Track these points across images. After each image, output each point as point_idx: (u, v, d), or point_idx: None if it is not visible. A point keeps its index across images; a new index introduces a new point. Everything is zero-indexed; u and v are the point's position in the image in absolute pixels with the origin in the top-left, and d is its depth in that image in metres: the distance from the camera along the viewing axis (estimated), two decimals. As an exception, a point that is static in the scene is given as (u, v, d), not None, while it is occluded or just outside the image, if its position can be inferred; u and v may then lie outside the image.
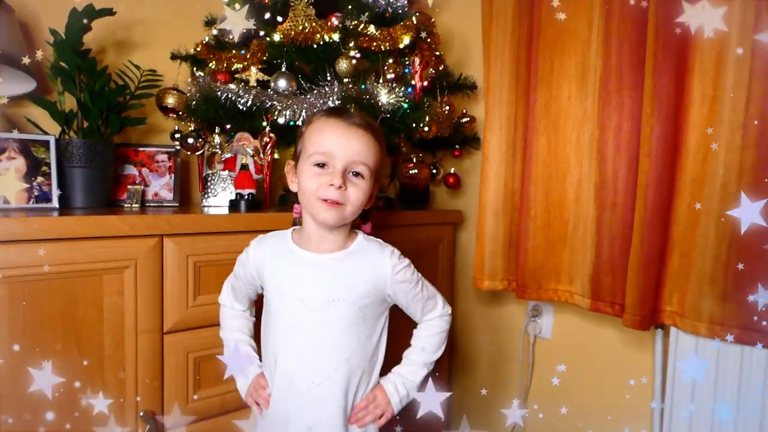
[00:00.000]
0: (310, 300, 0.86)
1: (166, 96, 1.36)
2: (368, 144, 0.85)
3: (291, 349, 0.88)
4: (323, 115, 0.89)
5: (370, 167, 0.85)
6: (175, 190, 1.47)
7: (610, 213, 1.14)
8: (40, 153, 1.15)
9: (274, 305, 0.90)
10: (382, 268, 0.88)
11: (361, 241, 0.92)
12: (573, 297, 1.24)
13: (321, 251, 0.89)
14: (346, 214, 0.85)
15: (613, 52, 1.13)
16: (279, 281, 0.90)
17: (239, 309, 1.01)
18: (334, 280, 0.87)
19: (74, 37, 1.22)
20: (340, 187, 0.82)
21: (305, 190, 0.85)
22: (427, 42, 1.36)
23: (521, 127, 1.32)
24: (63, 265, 0.91)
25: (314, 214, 0.85)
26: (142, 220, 0.99)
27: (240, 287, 0.98)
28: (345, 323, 0.86)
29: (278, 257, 0.91)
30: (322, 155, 0.83)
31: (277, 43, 1.21)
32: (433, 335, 0.95)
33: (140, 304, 1.00)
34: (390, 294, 0.90)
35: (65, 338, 0.92)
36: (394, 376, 0.94)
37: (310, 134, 0.87)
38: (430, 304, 0.94)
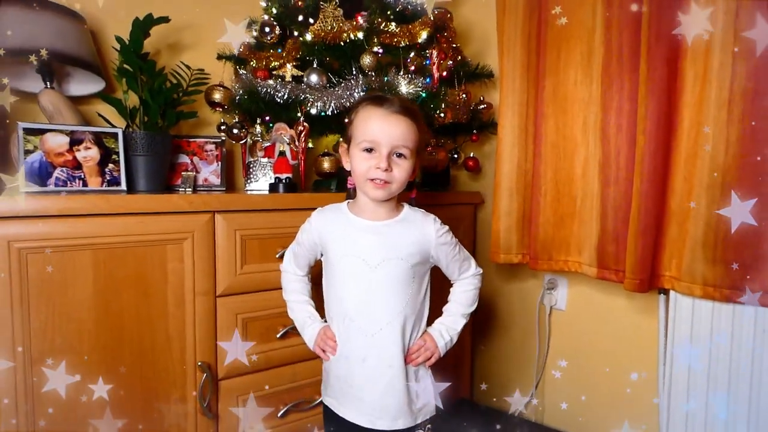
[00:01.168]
0: (371, 258, 1.01)
1: (214, 92, 1.53)
2: (408, 128, 0.99)
3: (358, 299, 1.02)
4: (368, 105, 1.01)
5: (410, 148, 0.99)
6: (222, 176, 1.65)
7: (613, 187, 1.24)
8: (110, 143, 1.34)
9: (339, 265, 1.04)
10: (428, 232, 1.03)
11: (408, 210, 1.07)
12: (581, 267, 1.35)
13: (375, 219, 1.04)
14: (392, 190, 1.00)
15: (613, 39, 1.22)
16: (341, 244, 1.04)
17: (300, 274, 1.17)
18: (389, 241, 1.02)
19: (136, 42, 1.40)
20: (386, 169, 0.97)
21: (357, 171, 1.00)
22: (445, 36, 1.48)
23: (532, 112, 1.43)
24: (134, 236, 1.09)
25: (366, 192, 1.01)
26: (199, 198, 1.17)
27: (302, 254, 1.14)
28: (400, 277, 1.01)
29: (338, 224, 1.06)
30: (369, 142, 0.98)
31: (309, 42, 1.36)
32: (468, 291, 1.11)
33: (197, 270, 1.17)
34: (433, 255, 1.05)
35: (137, 297, 1.11)
36: (438, 324, 1.09)
37: (357, 123, 1.01)
38: (465, 265, 1.10)
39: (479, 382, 1.88)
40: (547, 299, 1.61)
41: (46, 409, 1.02)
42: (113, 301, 1.08)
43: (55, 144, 1.25)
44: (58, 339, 1.03)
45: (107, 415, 1.07)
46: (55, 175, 1.24)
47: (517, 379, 1.76)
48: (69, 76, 1.49)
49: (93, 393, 1.04)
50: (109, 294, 1.07)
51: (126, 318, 1.10)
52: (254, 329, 1.27)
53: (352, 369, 1.04)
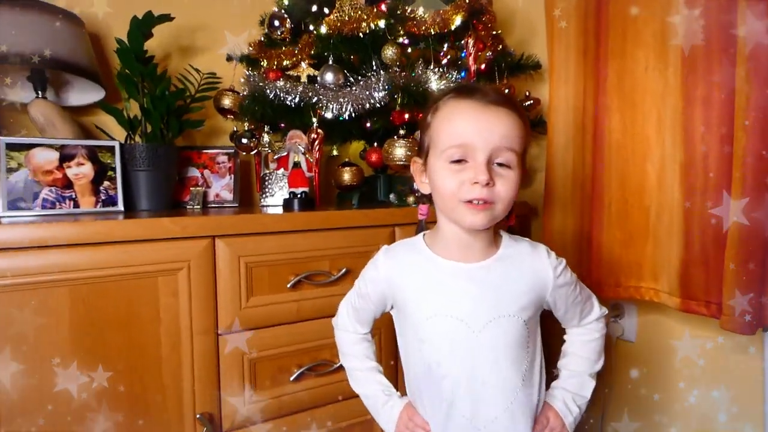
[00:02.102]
0: (472, 319, 0.74)
1: (223, 97, 1.38)
2: (512, 125, 0.71)
3: (460, 378, 0.76)
4: (451, 98, 0.74)
5: (517, 152, 0.71)
6: (234, 191, 1.49)
7: (700, 198, 0.99)
8: (106, 158, 1.20)
9: (425, 329, 0.77)
10: (543, 273, 0.77)
11: (509, 242, 0.79)
12: (659, 295, 1.10)
13: (467, 260, 0.77)
14: (496, 214, 0.71)
15: (697, 13, 0.97)
16: (426, 299, 0.77)
17: (362, 332, 0.91)
18: (493, 293, 0.75)
19: (136, 44, 1.26)
20: (488, 184, 0.69)
21: (443, 192, 0.73)
22: (483, 21, 1.26)
23: (591, 106, 1.19)
24: (119, 268, 0.93)
25: (459, 220, 0.73)
26: (194, 222, 1.00)
27: (365, 308, 0.87)
28: (514, 340, 0.75)
29: (417, 270, 0.79)
30: (458, 148, 0.70)
31: (324, 36, 1.18)
32: (592, 340, 0.84)
33: (194, 305, 1.00)
34: (549, 301, 0.79)
35: (123, 339, 0.95)
36: (560, 392, 0.83)
37: (438, 124, 0.74)
38: (587, 307, 0.83)
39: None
40: (611, 328, 1.36)
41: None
42: (95, 346, 0.92)
43: (43, 160, 1.12)
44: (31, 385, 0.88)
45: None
46: (42, 195, 1.10)
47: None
48: (68, 84, 1.37)
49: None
50: (89, 337, 0.92)
51: (111, 364, 0.94)
52: (264, 371, 1.09)
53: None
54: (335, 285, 1.14)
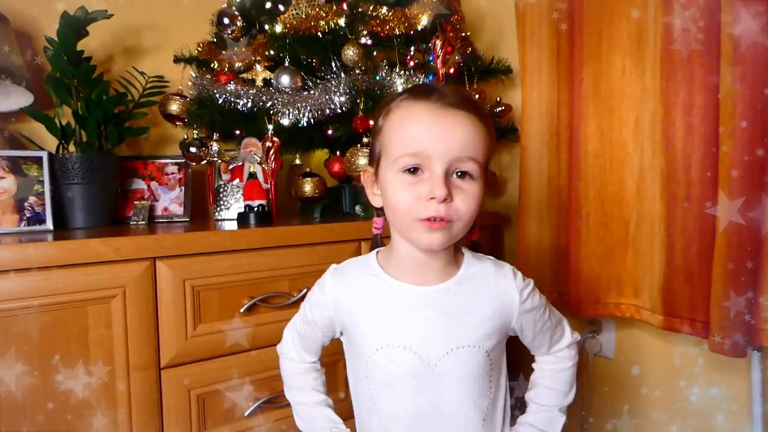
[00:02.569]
0: (428, 352, 0.66)
1: (169, 102, 1.26)
2: (474, 130, 0.62)
3: (415, 420, 0.68)
4: (405, 99, 0.66)
5: (480, 162, 0.62)
6: (185, 204, 1.37)
7: (682, 209, 0.94)
8: (32, 171, 1.06)
9: (374, 360, 0.68)
10: (508, 296, 0.68)
11: (471, 261, 0.70)
12: (640, 312, 1.04)
13: (424, 281, 0.68)
14: (455, 233, 0.63)
15: (676, 7, 0.92)
16: (376, 327, 0.69)
17: (309, 361, 0.81)
18: (452, 320, 0.66)
19: (67, 42, 1.13)
20: (445, 200, 0.60)
21: (396, 208, 0.64)
22: (451, 22, 1.19)
23: (566, 112, 1.13)
24: (41, 297, 0.81)
25: (414, 239, 0.64)
26: (130, 242, 0.87)
27: (311, 335, 0.78)
28: (475, 377, 0.67)
29: (368, 293, 0.70)
30: (412, 156, 0.62)
31: (279, 35, 1.08)
32: (563, 370, 0.76)
33: (131, 337, 0.88)
34: (516, 327, 0.70)
35: (44, 382, 0.82)
36: (527, 428, 0.74)
37: (390, 128, 0.65)
38: (558, 332, 0.75)
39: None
40: (589, 345, 1.30)
41: None
42: (8, 391, 0.79)
43: (-46, 175, 0.97)
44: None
45: None
46: (-47, 215, 0.96)
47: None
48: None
49: None
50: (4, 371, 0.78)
51: (27, 414, 0.81)
52: (214, 408, 0.98)
53: None
54: (295, 307, 1.02)
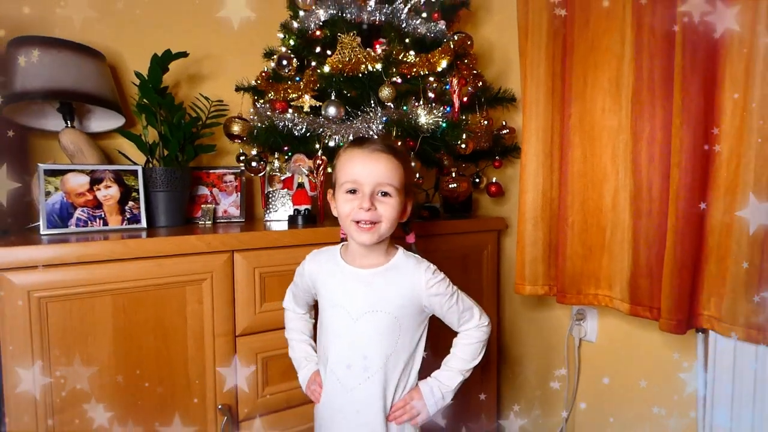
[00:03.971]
0: (353, 309, 0.98)
1: (233, 124, 1.52)
2: (390, 165, 0.95)
3: (338, 351, 1.00)
4: (349, 147, 0.99)
5: (395, 186, 0.95)
6: (241, 207, 1.64)
7: (646, 220, 1.18)
8: (130, 181, 1.34)
9: (326, 314, 1.03)
10: (417, 283, 0.98)
11: (400, 256, 1.02)
12: (613, 302, 1.29)
13: (364, 266, 1.00)
14: (381, 231, 0.96)
15: (644, 66, 1.17)
16: (329, 292, 1.02)
17: (300, 312, 1.16)
18: (373, 292, 0.98)
19: (155, 78, 1.40)
20: (370, 209, 0.93)
21: (341, 214, 0.97)
22: (465, 63, 1.45)
23: (557, 138, 1.38)
24: (153, 279, 1.08)
25: (352, 236, 0.97)
26: (216, 239, 1.15)
27: (299, 294, 1.13)
28: (383, 330, 0.97)
29: (328, 271, 1.04)
30: (351, 183, 0.95)
31: (327, 74, 1.34)
32: (470, 344, 1.04)
33: (216, 311, 1.16)
34: (426, 305, 1.00)
35: (157, 341, 1.09)
36: (431, 380, 1.03)
37: (341, 165, 0.98)
38: (466, 315, 1.03)
39: (506, 413, 1.82)
40: (576, 330, 1.55)
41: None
42: (134, 347, 1.07)
43: (76, 184, 1.25)
44: (79, 386, 1.02)
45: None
46: (76, 215, 1.24)
47: (546, 412, 1.70)
48: (90, 113, 1.50)
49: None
50: (129, 339, 1.06)
51: (146, 363, 1.08)
52: (275, 368, 1.25)
53: (334, 419, 1.02)
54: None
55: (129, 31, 1.60)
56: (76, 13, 1.44)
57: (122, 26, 1.59)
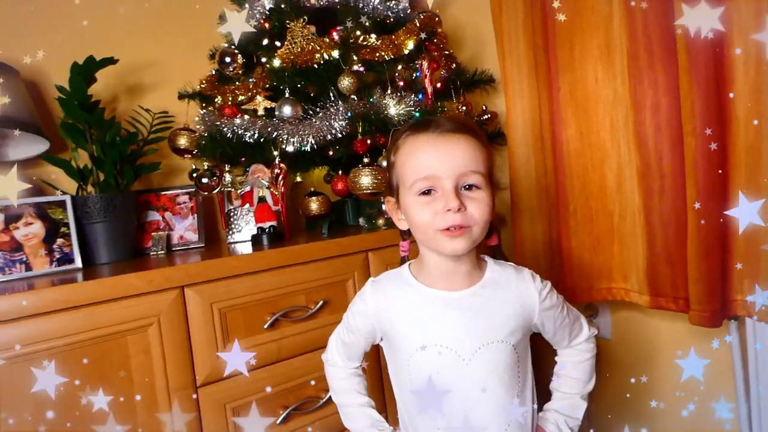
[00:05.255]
0: (462, 348, 0.74)
1: (178, 137, 1.33)
2: (472, 148, 0.73)
3: (453, 408, 0.75)
4: (409, 134, 0.76)
5: (483, 173, 0.73)
6: (200, 231, 1.45)
7: (658, 199, 1.03)
8: (57, 214, 1.14)
9: (416, 361, 0.77)
10: (529, 297, 0.77)
11: (493, 267, 0.80)
12: (629, 294, 1.13)
13: (453, 287, 0.77)
14: (474, 237, 0.72)
15: (638, 25, 1.02)
16: (414, 330, 0.77)
17: (352, 367, 0.90)
18: (481, 320, 0.75)
19: (79, 91, 1.21)
20: (460, 209, 0.70)
21: (419, 224, 0.74)
22: (434, 42, 1.28)
23: (547, 117, 1.22)
24: (84, 333, 0.88)
25: (439, 248, 0.73)
26: (161, 274, 0.95)
27: (354, 342, 0.87)
28: (505, 368, 0.75)
29: (404, 301, 0.79)
30: (424, 181, 0.72)
31: (278, 69, 1.16)
32: (583, 361, 0.85)
33: (169, 361, 0.96)
34: (537, 323, 0.79)
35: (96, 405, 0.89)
36: (553, 414, 0.83)
37: (402, 161, 0.76)
38: (576, 328, 0.83)
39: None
40: (587, 329, 1.39)
41: None
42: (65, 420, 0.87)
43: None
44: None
45: None
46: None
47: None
48: (5, 138, 1.29)
49: None
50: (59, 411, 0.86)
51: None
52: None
53: None
54: (314, 319, 1.12)
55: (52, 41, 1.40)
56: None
57: (43, 36, 1.38)
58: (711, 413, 1.06)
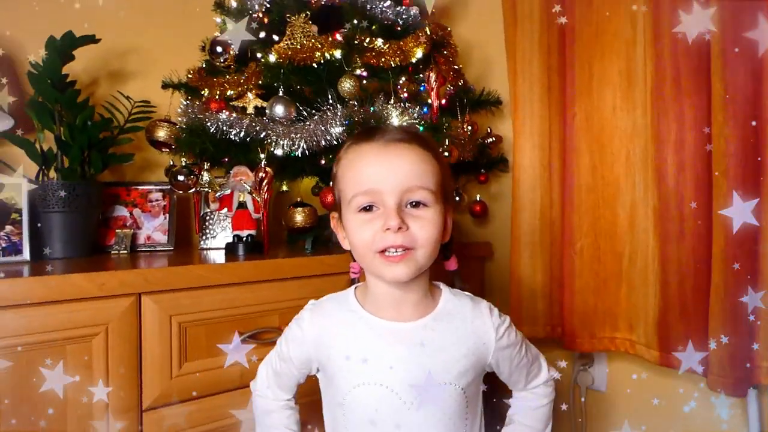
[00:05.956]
0: (404, 390, 0.65)
1: (156, 129, 1.22)
2: (420, 160, 0.65)
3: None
4: (352, 144, 0.69)
5: (431, 190, 0.65)
6: (170, 233, 1.33)
7: (676, 244, 0.94)
8: (8, 198, 1.01)
9: (352, 398, 0.68)
10: (485, 333, 0.68)
11: (448, 297, 0.71)
12: (635, 347, 1.03)
13: (402, 318, 0.68)
14: (419, 262, 0.64)
15: (666, 53, 0.94)
16: (353, 364, 0.68)
17: (284, 399, 0.80)
18: (429, 358, 0.66)
19: (52, 67, 1.10)
20: (400, 228, 0.62)
21: (357, 245, 0.66)
22: (444, 55, 1.20)
23: (557, 145, 1.14)
24: (15, 337, 0.76)
25: (379, 274, 0.65)
26: (114, 277, 0.83)
27: (287, 372, 0.77)
28: (451, 414, 0.66)
29: (346, 330, 0.70)
30: (364, 195, 0.64)
31: (273, 65, 1.07)
32: (539, 407, 0.76)
33: (112, 377, 0.83)
34: (492, 363, 0.70)
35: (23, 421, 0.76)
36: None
37: (342, 173, 0.68)
38: (534, 369, 0.75)
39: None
40: (581, 378, 1.28)
41: None
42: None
43: (-76, 204, 0.92)
44: None
45: None
46: None
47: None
48: (-34, 112, 1.17)
49: None
50: (-29, 428, 0.73)
51: (1, 459, 0.75)
52: (200, 452, 0.93)
53: None
54: (285, 343, 1.00)
55: (33, 15, 1.29)
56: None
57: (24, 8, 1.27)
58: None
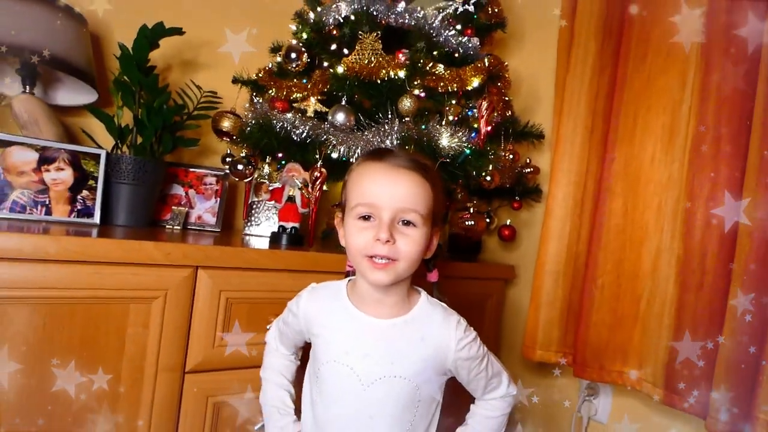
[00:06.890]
0: (364, 374, 0.76)
1: (223, 119, 1.31)
2: (418, 186, 0.75)
3: (335, 420, 0.78)
4: (364, 160, 0.80)
5: (421, 213, 0.75)
6: (218, 215, 1.43)
7: (694, 295, 0.99)
8: (89, 166, 1.12)
9: (324, 369, 0.79)
10: (445, 342, 0.77)
11: (423, 305, 0.81)
12: (642, 384, 1.08)
13: (378, 315, 0.79)
14: (399, 271, 0.74)
15: (710, 113, 1.00)
16: (330, 343, 0.80)
17: (285, 352, 0.93)
18: (391, 353, 0.77)
19: (140, 52, 1.21)
20: (388, 241, 0.72)
21: (351, 247, 0.76)
22: (497, 86, 1.28)
23: (592, 184, 1.20)
24: (88, 290, 0.85)
25: (364, 275, 0.76)
26: (179, 249, 0.93)
27: (288, 334, 0.90)
28: (400, 403, 0.76)
29: (332, 315, 0.81)
30: (365, 206, 0.74)
31: (341, 76, 1.16)
32: (492, 418, 0.85)
33: (164, 338, 0.93)
34: (451, 369, 0.80)
35: (81, 368, 0.85)
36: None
37: (352, 183, 0.79)
38: (493, 383, 0.83)
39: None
40: (585, 408, 1.33)
41: None
42: (46, 373, 0.83)
43: (20, 160, 1.03)
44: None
45: None
46: (13, 197, 1.01)
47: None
48: (59, 81, 1.29)
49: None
50: (43, 363, 0.82)
51: (60, 397, 0.84)
52: (228, 420, 1.01)
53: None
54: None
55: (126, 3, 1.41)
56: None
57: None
58: None
